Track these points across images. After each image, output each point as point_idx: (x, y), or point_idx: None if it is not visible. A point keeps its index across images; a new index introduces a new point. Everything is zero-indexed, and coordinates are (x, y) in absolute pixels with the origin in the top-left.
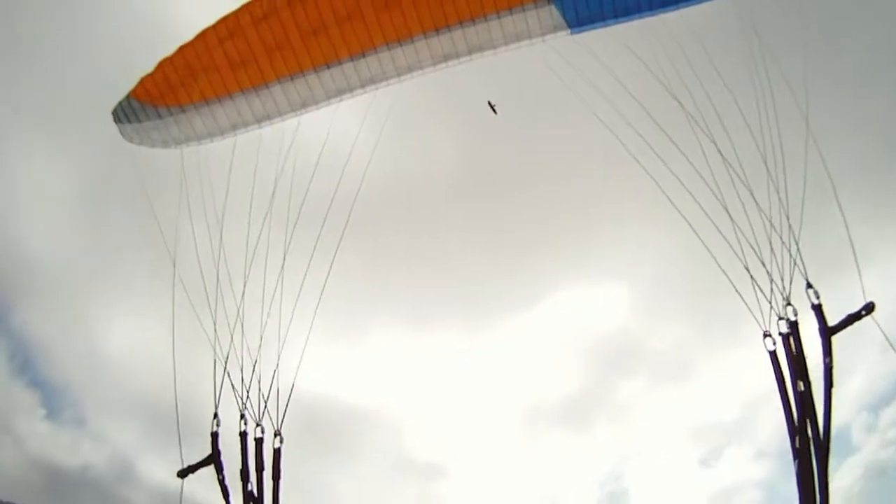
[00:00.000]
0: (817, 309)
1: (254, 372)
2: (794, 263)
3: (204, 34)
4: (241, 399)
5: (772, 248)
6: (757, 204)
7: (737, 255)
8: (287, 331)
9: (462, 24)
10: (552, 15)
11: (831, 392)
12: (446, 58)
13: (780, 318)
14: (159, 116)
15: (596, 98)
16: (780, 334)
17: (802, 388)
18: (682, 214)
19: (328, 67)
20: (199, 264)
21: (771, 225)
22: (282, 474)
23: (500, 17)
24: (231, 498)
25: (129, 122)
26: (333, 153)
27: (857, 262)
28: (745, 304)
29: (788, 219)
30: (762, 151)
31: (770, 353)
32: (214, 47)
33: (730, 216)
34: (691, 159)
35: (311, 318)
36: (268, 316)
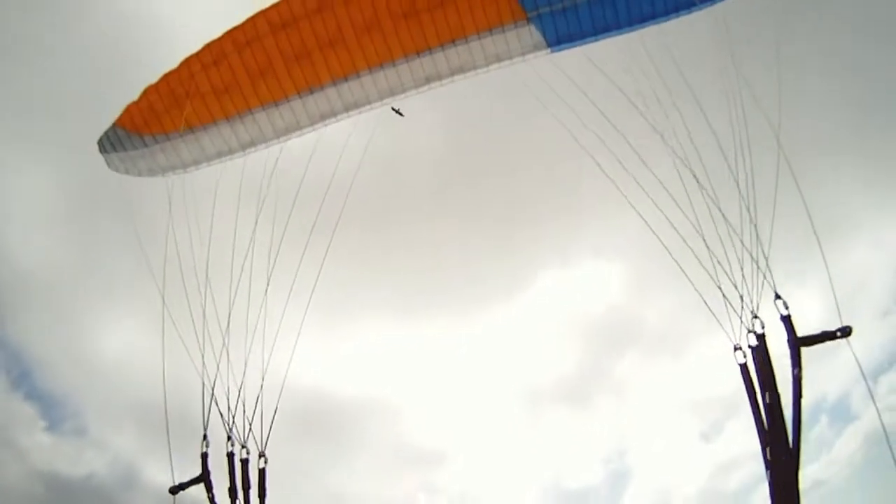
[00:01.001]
0: (786, 320)
1: (239, 395)
2: (764, 277)
3: (188, 61)
4: (228, 421)
5: (741, 261)
6: (725, 219)
7: (705, 269)
8: (270, 352)
9: (443, 46)
10: (532, 34)
11: (801, 403)
12: (428, 80)
13: (750, 331)
14: (145, 145)
15: (575, 99)
16: (750, 347)
17: (769, 401)
18: (651, 230)
19: (311, 93)
20: (182, 274)
21: (741, 241)
22: (267, 493)
23: (480, 38)
24: None
25: (115, 150)
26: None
27: (832, 285)
28: (716, 318)
29: (756, 230)
30: (729, 159)
31: (741, 366)
32: (198, 74)
33: (700, 233)
34: (660, 170)
35: (298, 325)
36: (253, 332)
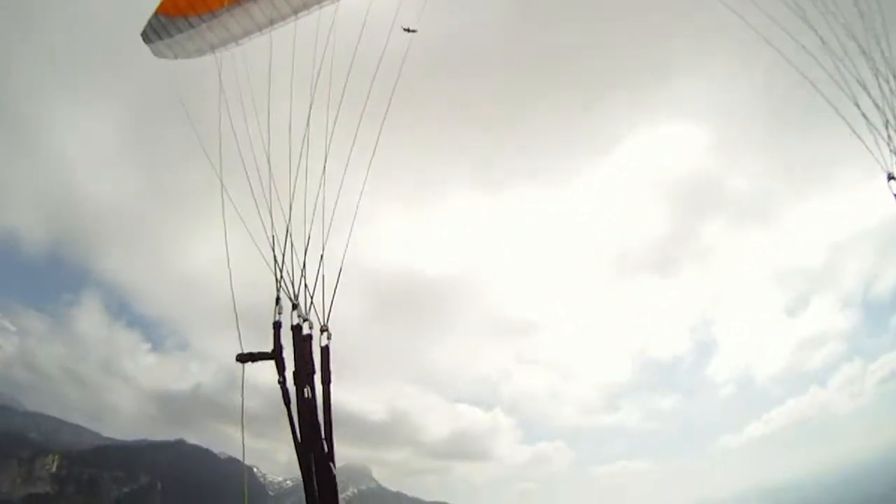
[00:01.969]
0: None
1: (306, 256)
2: None
3: None
4: (293, 289)
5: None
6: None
7: (838, 84)
8: (332, 214)
9: None
10: None
11: None
12: None
13: None
14: (191, 26)
15: None
16: None
17: None
18: (769, 42)
19: None
20: (243, 162)
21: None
22: (332, 376)
23: None
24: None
25: (161, 38)
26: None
27: None
28: (860, 138)
29: None
30: None
31: None
32: None
33: (822, 40)
34: None
35: (360, 186)
36: (316, 199)
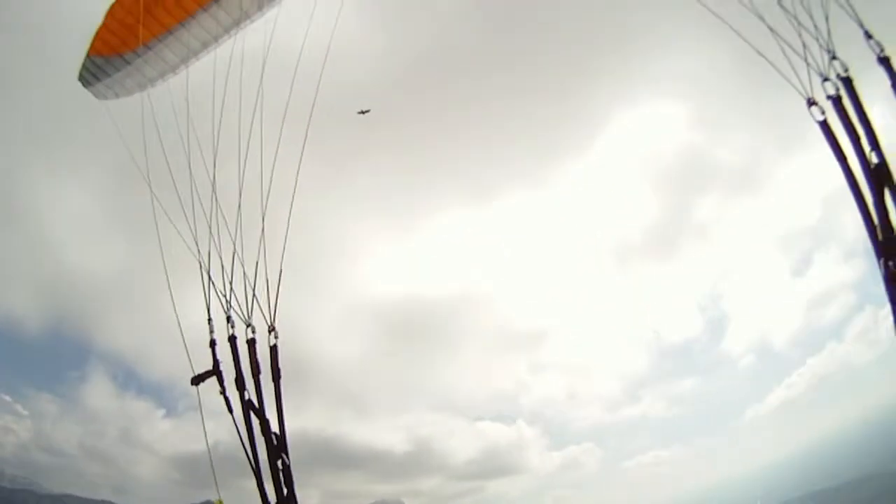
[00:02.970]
0: (885, 62)
1: (233, 264)
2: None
3: None
4: (226, 298)
5: None
6: None
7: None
8: (264, 214)
9: None
10: None
11: None
12: None
13: (826, 79)
14: (128, 63)
15: None
16: (829, 98)
17: (876, 161)
18: None
19: None
20: (174, 180)
21: None
22: (281, 373)
23: None
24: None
25: (100, 79)
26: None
27: None
28: (775, 68)
29: None
30: None
31: (820, 123)
32: None
33: None
34: None
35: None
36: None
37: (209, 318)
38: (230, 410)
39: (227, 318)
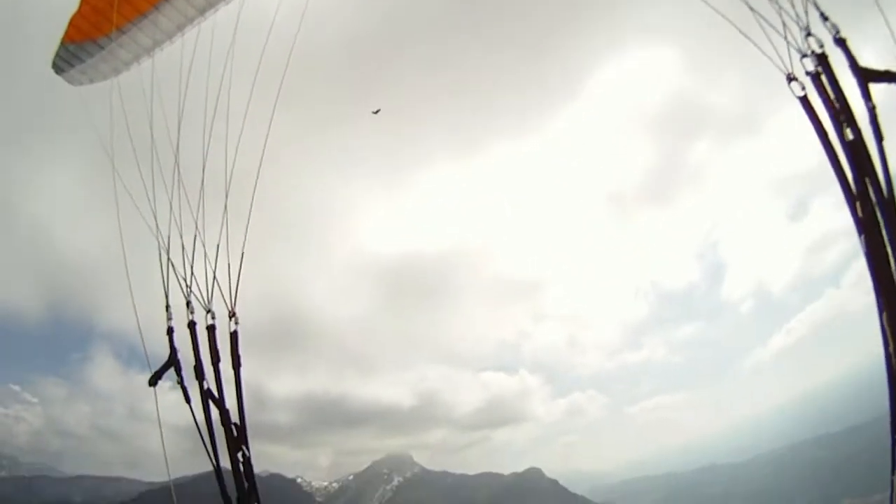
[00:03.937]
0: (841, 44)
1: (195, 248)
2: None
3: None
4: (186, 282)
5: None
6: None
7: None
8: (227, 195)
9: None
10: None
11: (883, 143)
12: None
13: (804, 56)
14: (101, 48)
15: None
16: (808, 74)
17: (852, 137)
18: None
19: None
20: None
21: None
22: (241, 361)
23: None
24: (192, 402)
25: (73, 65)
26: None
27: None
28: (754, 43)
29: None
30: None
31: (800, 99)
32: None
33: None
34: None
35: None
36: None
37: (167, 305)
38: (188, 401)
39: (187, 304)
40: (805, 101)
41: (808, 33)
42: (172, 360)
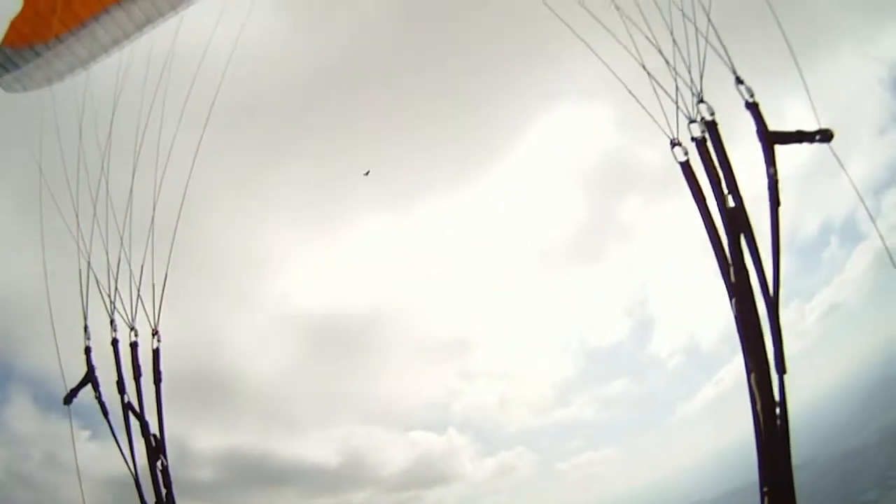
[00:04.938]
0: (753, 108)
1: (119, 266)
2: (708, 43)
3: None
4: (111, 301)
5: (674, 39)
6: None
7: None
8: (154, 210)
9: None
10: None
11: (778, 212)
12: None
13: (692, 121)
14: (37, 55)
15: None
16: (693, 139)
17: (733, 204)
18: None
19: None
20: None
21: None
22: (162, 376)
23: None
24: (110, 415)
25: (8, 71)
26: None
27: (803, 79)
28: (642, 106)
29: None
30: None
31: (682, 164)
32: None
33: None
34: None
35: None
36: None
37: (85, 326)
38: (105, 414)
39: (111, 322)
40: (686, 167)
41: (701, 99)
42: (90, 377)
